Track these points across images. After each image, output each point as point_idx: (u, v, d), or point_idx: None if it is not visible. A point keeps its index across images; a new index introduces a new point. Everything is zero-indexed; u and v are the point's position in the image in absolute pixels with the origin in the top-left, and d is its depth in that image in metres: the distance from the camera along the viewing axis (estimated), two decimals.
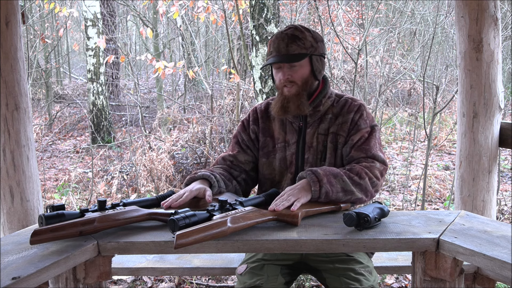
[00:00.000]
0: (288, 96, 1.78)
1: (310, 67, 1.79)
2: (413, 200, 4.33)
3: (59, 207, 1.45)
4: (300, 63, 1.76)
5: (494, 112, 2.31)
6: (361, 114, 1.81)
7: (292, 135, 1.86)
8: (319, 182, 1.60)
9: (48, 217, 1.39)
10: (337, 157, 1.81)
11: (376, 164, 1.73)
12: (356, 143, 1.77)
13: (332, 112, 1.84)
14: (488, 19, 2.25)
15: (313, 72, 1.80)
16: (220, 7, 5.37)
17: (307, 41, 1.76)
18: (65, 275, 1.40)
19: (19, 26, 2.17)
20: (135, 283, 3.04)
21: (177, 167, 5.23)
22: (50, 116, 9.00)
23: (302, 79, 1.78)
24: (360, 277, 1.63)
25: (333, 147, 1.81)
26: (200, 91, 10.00)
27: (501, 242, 1.33)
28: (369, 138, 1.78)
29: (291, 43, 1.74)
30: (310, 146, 1.82)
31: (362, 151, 1.75)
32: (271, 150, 1.89)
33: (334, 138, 1.81)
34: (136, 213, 1.50)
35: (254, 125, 1.94)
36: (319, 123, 1.84)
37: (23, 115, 2.17)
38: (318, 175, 1.62)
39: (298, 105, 1.77)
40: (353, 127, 1.80)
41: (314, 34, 1.80)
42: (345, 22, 7.48)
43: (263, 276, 1.68)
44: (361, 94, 5.52)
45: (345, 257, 1.70)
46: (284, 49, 1.75)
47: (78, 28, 14.55)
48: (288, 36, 1.75)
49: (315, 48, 1.78)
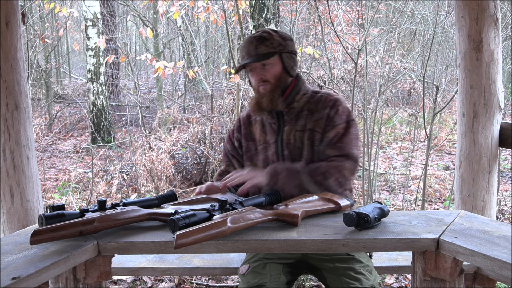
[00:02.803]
0: (263, 93, 1.84)
1: (281, 64, 1.84)
2: (413, 200, 4.33)
3: (59, 207, 1.45)
4: (270, 61, 1.82)
5: (494, 112, 2.31)
6: (337, 110, 1.82)
7: (272, 135, 1.90)
8: (277, 177, 1.72)
9: (48, 217, 1.39)
10: (314, 153, 1.83)
11: (347, 163, 1.76)
12: (331, 140, 1.79)
13: (308, 109, 1.87)
14: (488, 19, 2.25)
15: (286, 69, 1.85)
16: (220, 7, 5.36)
17: (274, 41, 1.82)
18: (65, 275, 1.40)
19: (19, 26, 2.17)
20: (135, 283, 3.04)
21: (177, 167, 5.23)
22: (50, 116, 9.00)
23: (275, 77, 1.83)
24: (360, 277, 1.64)
25: (310, 144, 1.83)
26: (200, 91, 10.00)
27: (501, 242, 1.33)
28: (344, 134, 1.80)
29: (260, 44, 1.81)
30: (288, 143, 1.86)
31: (336, 149, 1.78)
32: (254, 153, 1.95)
33: (311, 134, 1.83)
34: (136, 213, 1.50)
35: (238, 133, 2.02)
36: (296, 120, 1.86)
37: (23, 115, 2.17)
38: (276, 169, 1.74)
39: (271, 100, 1.82)
40: (329, 123, 1.81)
41: (282, 34, 1.87)
42: (345, 22, 7.49)
43: (266, 275, 1.68)
44: (361, 94, 5.52)
45: (346, 256, 1.71)
46: (254, 51, 1.82)
47: (78, 28, 14.54)
48: (256, 38, 1.83)
49: (284, 46, 1.84)
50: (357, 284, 1.61)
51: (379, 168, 5.27)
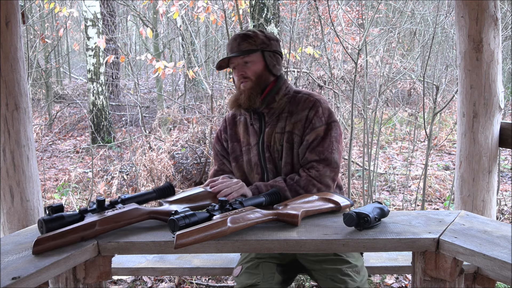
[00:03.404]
0: (242, 90, 1.83)
1: (263, 62, 1.83)
2: (413, 200, 4.33)
3: (57, 208, 1.44)
4: (251, 59, 1.82)
5: (494, 112, 2.31)
6: (316, 111, 1.79)
7: (254, 137, 1.89)
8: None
9: (48, 220, 1.38)
10: (294, 156, 1.82)
11: (327, 171, 1.75)
12: (310, 144, 1.78)
13: (288, 110, 1.85)
14: (488, 19, 2.25)
15: (268, 68, 1.84)
16: (220, 7, 5.36)
17: (258, 39, 1.82)
18: (65, 275, 1.40)
19: (19, 26, 2.17)
20: (135, 283, 3.04)
21: (177, 167, 5.23)
22: (50, 116, 8.99)
23: (256, 74, 1.82)
24: (346, 278, 1.63)
25: (289, 147, 1.82)
26: (200, 91, 9.99)
27: (501, 242, 1.33)
28: (324, 138, 1.78)
29: (243, 41, 1.82)
30: (268, 145, 1.85)
31: (316, 153, 1.76)
32: (239, 154, 1.95)
33: (290, 137, 1.82)
34: (136, 212, 1.50)
35: (224, 134, 2.01)
36: (277, 122, 1.85)
37: (23, 115, 2.17)
38: (260, 190, 1.74)
39: (249, 97, 1.81)
40: (308, 125, 1.79)
41: (267, 34, 1.87)
42: (345, 22, 7.48)
43: (259, 275, 1.68)
44: (361, 94, 5.52)
45: (333, 257, 1.70)
46: (236, 48, 1.82)
47: (78, 28, 14.53)
48: (240, 36, 1.83)
49: (267, 45, 1.84)
50: (342, 286, 1.60)
51: (379, 168, 5.27)
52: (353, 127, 3.68)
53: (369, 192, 3.87)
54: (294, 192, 1.72)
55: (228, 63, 1.86)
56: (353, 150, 5.82)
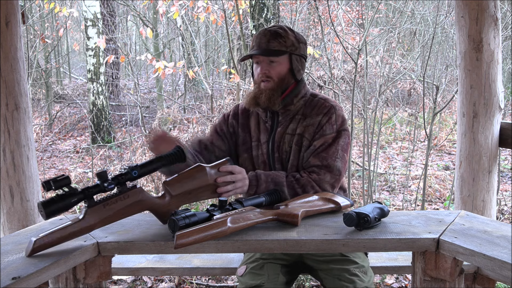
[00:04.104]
0: (263, 89, 1.80)
1: (289, 65, 1.80)
2: (413, 200, 4.33)
3: (63, 182, 1.30)
4: (278, 59, 1.78)
5: (494, 112, 2.31)
6: (329, 118, 1.78)
7: (264, 134, 1.87)
8: (256, 188, 1.68)
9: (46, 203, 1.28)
10: (300, 159, 1.80)
11: (327, 176, 1.73)
12: (317, 149, 1.76)
13: (302, 113, 1.83)
14: (488, 19, 2.25)
15: (292, 71, 1.81)
16: (220, 7, 5.36)
17: (288, 40, 1.78)
18: (65, 275, 1.40)
19: (19, 26, 2.17)
20: (135, 283, 3.04)
21: None
22: (50, 116, 8.99)
23: (279, 76, 1.79)
24: (355, 278, 1.63)
25: (297, 149, 1.80)
26: (200, 91, 9.99)
27: (501, 242, 1.33)
28: (331, 145, 1.76)
29: (273, 39, 1.77)
30: (278, 145, 1.83)
31: (319, 159, 1.75)
32: (250, 147, 1.91)
33: (299, 140, 1.80)
34: (132, 202, 1.39)
35: (233, 120, 1.95)
36: (289, 123, 1.84)
37: (23, 115, 2.17)
38: (259, 180, 1.68)
39: (270, 98, 1.78)
40: (319, 131, 1.78)
41: (297, 36, 1.83)
42: (345, 22, 7.48)
43: (264, 276, 1.68)
44: (361, 94, 5.52)
45: (340, 257, 1.70)
46: (265, 44, 1.77)
47: (78, 28, 14.54)
48: (271, 32, 1.78)
49: (296, 48, 1.80)
50: (350, 286, 1.60)
51: (379, 168, 5.27)
52: (353, 127, 3.68)
53: (369, 192, 3.87)
54: (292, 189, 1.71)
55: (251, 55, 1.81)
56: (353, 150, 5.82)
